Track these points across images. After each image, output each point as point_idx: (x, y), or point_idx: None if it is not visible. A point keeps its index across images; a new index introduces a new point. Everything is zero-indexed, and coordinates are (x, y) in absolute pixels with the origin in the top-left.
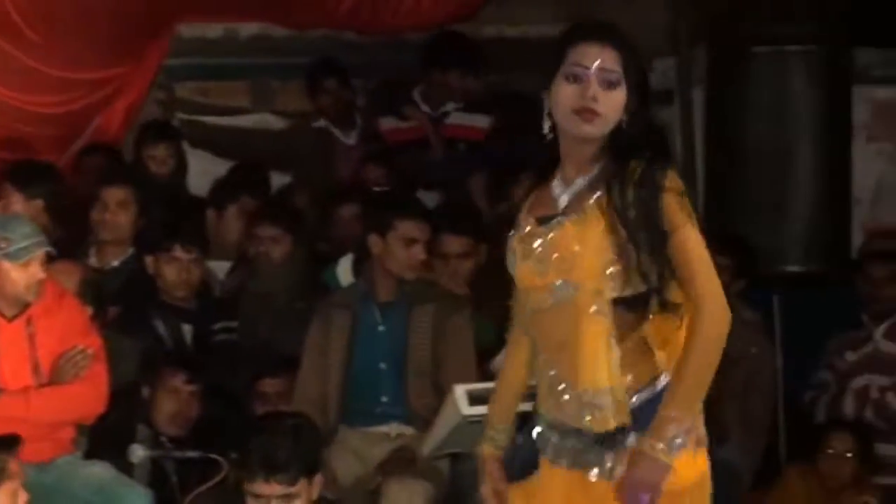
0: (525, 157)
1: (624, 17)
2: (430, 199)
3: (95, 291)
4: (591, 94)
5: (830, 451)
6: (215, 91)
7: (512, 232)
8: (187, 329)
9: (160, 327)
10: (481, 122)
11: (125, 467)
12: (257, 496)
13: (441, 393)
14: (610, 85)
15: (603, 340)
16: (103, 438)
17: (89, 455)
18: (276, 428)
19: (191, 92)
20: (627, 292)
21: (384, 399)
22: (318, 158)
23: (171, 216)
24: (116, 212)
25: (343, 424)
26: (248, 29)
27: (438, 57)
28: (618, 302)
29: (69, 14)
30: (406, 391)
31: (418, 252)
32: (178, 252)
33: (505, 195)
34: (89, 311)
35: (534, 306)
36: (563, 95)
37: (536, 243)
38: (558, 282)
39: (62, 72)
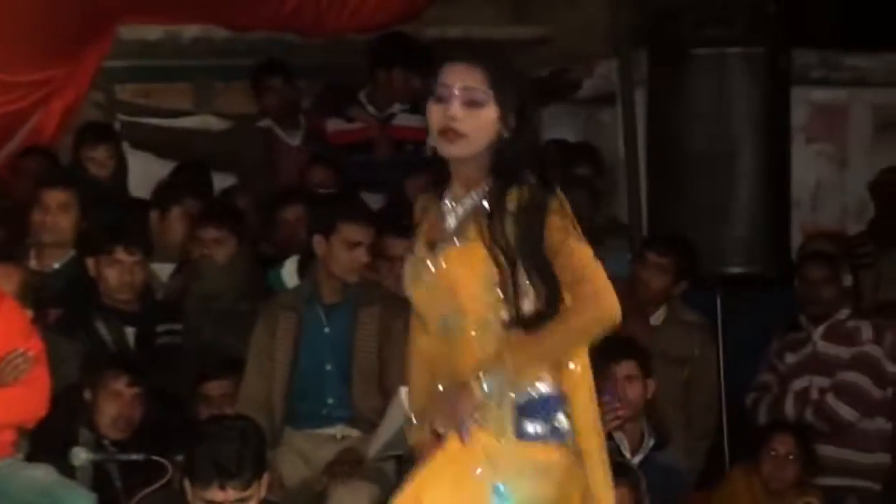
0: None
1: (565, 19)
2: (374, 200)
3: (35, 294)
4: (451, 112)
5: (773, 453)
6: (157, 93)
7: (409, 254)
8: (130, 332)
9: (102, 330)
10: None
11: (67, 471)
12: (210, 502)
13: (386, 395)
14: (474, 104)
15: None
16: (45, 441)
17: (31, 458)
18: (224, 434)
19: (132, 94)
20: (515, 314)
21: (330, 401)
22: (261, 159)
23: (113, 218)
24: (57, 214)
25: (288, 426)
26: (190, 31)
27: (383, 57)
28: (511, 324)
29: (3, 16)
30: (352, 393)
31: (361, 255)
32: (121, 254)
33: None
34: (29, 313)
35: (430, 331)
36: (431, 116)
37: (426, 270)
38: (446, 311)
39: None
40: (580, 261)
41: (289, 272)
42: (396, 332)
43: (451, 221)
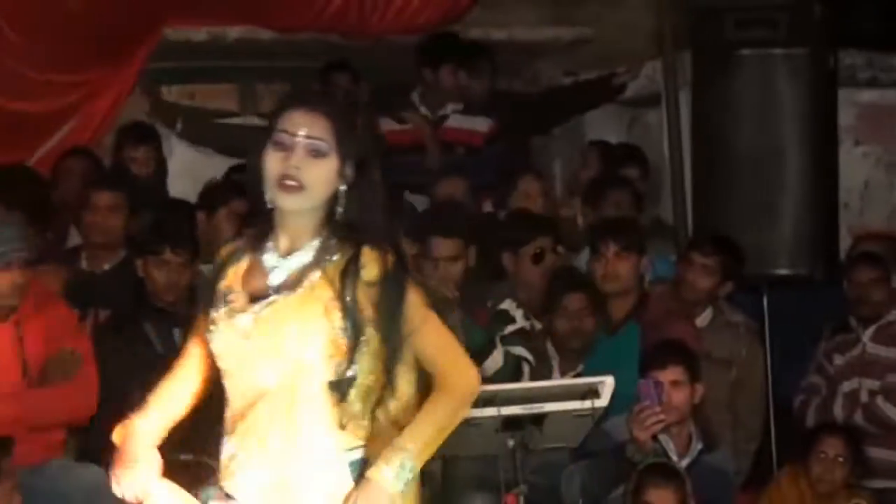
0: (517, 159)
1: (608, 21)
2: (420, 202)
3: (84, 294)
4: (294, 162)
5: (822, 455)
6: (202, 94)
7: (215, 305)
8: (177, 333)
9: (150, 331)
10: (481, 125)
11: None
12: None
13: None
14: (317, 154)
15: (315, 426)
16: (94, 441)
17: (80, 459)
18: None
19: (178, 95)
20: (335, 377)
21: None
22: None
23: (157, 219)
24: (107, 215)
25: None
26: (234, 32)
27: (427, 56)
28: (336, 385)
29: (52, 16)
30: None
31: None
32: (168, 255)
33: (502, 201)
34: (76, 313)
35: (241, 391)
36: (268, 163)
37: (244, 321)
38: (267, 364)
39: (44, 74)
40: (441, 338)
41: None
42: None
43: (279, 276)
